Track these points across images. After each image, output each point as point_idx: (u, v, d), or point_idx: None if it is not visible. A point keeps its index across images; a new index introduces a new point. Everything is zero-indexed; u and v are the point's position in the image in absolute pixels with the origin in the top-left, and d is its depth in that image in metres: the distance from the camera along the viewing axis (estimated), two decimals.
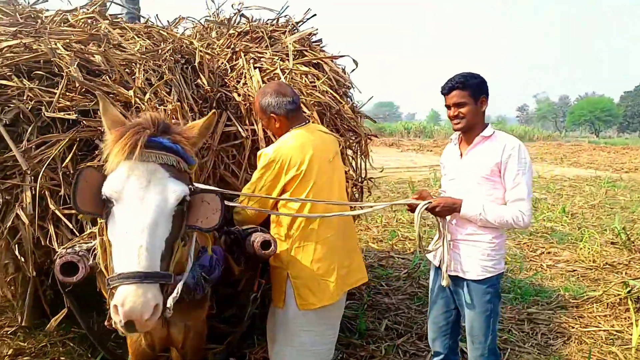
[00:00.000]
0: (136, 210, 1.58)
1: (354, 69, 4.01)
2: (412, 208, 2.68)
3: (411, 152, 27.11)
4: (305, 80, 3.53)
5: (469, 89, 2.54)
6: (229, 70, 3.56)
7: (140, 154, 1.62)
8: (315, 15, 4.16)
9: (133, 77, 2.89)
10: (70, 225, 2.58)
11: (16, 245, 2.58)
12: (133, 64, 2.95)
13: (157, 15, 4.34)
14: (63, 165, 2.63)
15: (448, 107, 2.64)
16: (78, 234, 2.57)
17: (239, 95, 3.32)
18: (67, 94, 2.73)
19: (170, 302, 1.70)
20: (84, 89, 2.76)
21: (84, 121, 2.68)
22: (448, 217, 2.65)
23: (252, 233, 2.59)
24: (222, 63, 3.58)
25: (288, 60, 3.53)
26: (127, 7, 4.49)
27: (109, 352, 2.62)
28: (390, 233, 7.54)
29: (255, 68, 3.47)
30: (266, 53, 3.61)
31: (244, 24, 4.03)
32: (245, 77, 3.44)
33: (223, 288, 3.19)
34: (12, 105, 2.63)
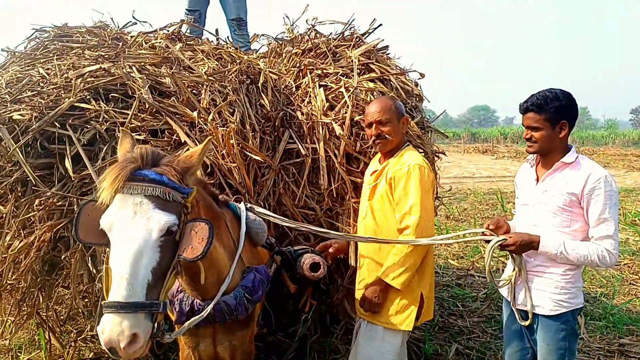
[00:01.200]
0: (121, 241, 1.65)
1: (419, 79, 3.88)
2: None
3: (507, 159, 25.83)
4: (371, 97, 3.48)
5: (545, 113, 2.32)
6: (295, 89, 3.60)
7: (126, 187, 1.68)
8: (381, 25, 4.07)
9: (199, 98, 3.02)
10: None
11: (90, 258, 2.79)
12: (200, 85, 3.09)
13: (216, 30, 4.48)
14: None
15: (525, 126, 2.45)
16: None
17: (302, 114, 3.35)
18: (139, 114, 2.92)
19: (168, 336, 1.80)
20: (154, 110, 2.93)
21: (151, 141, 2.84)
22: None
23: (303, 254, 2.60)
24: (289, 82, 3.63)
25: (352, 76, 3.50)
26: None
27: None
28: (472, 249, 7.21)
29: (320, 86, 3.48)
30: (330, 69, 3.60)
31: (310, 40, 4.05)
32: (310, 95, 3.46)
33: (284, 303, 3.23)
34: (89, 126, 2.86)
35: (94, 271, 2.78)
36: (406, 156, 2.64)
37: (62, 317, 3.60)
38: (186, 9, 4.63)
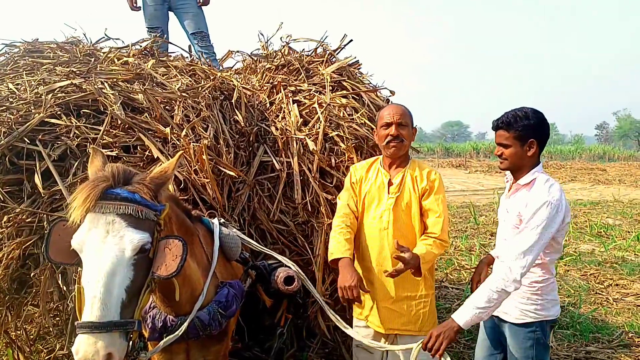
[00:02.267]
0: (94, 261, 1.63)
1: (389, 96, 3.95)
2: None
3: (479, 173, 26.27)
4: (343, 113, 3.54)
5: (514, 131, 2.36)
6: (269, 105, 3.64)
7: (98, 206, 1.66)
8: (352, 40, 4.16)
9: (172, 114, 3.03)
10: None
11: (60, 275, 2.74)
12: (173, 101, 3.10)
13: (189, 47, 4.51)
14: None
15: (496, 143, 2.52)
16: None
17: (276, 129, 3.38)
18: (111, 130, 2.90)
19: (161, 345, 1.85)
20: (126, 126, 2.92)
21: (124, 157, 2.83)
22: (497, 259, 2.57)
23: (277, 268, 2.61)
24: (263, 98, 3.67)
25: (325, 93, 3.56)
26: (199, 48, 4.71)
27: None
28: (445, 261, 7.31)
29: (294, 102, 3.53)
30: (303, 85, 3.66)
31: (283, 56, 4.10)
32: (284, 111, 3.50)
33: (260, 318, 3.22)
34: (60, 142, 2.83)
35: (64, 289, 2.73)
36: (425, 167, 2.76)
37: (31, 337, 3.50)
38: (147, 27, 4.66)
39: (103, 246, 1.64)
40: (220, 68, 4.54)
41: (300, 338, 3.74)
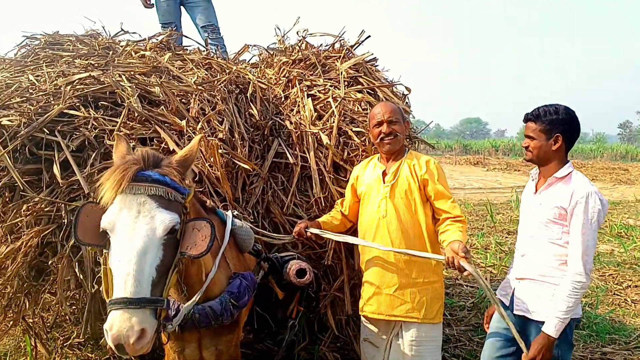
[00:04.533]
0: (126, 240, 1.68)
1: (405, 94, 3.93)
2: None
3: (497, 171, 25.98)
4: (358, 108, 3.53)
5: (542, 124, 2.44)
6: (284, 99, 3.64)
7: (129, 187, 1.73)
8: (369, 36, 4.13)
9: (188, 107, 3.06)
10: None
11: (77, 263, 2.79)
12: (189, 94, 3.12)
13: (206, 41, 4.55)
14: None
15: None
16: None
17: (291, 123, 3.39)
18: (128, 122, 2.94)
19: (173, 324, 1.88)
20: (143, 118, 2.96)
21: (140, 148, 2.86)
22: (520, 256, 2.58)
23: (289, 260, 2.63)
24: (278, 92, 3.68)
25: (340, 87, 3.55)
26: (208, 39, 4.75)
27: None
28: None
29: (308, 96, 3.53)
30: (319, 80, 3.66)
31: (300, 51, 4.10)
32: (298, 105, 3.51)
33: (273, 311, 3.25)
34: (78, 133, 2.88)
35: (81, 277, 2.78)
36: (423, 157, 2.82)
37: (48, 324, 3.59)
38: (161, 23, 4.75)
39: (135, 226, 1.70)
40: (227, 59, 4.56)
41: (313, 332, 3.76)
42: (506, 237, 8.79)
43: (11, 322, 3.20)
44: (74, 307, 3.10)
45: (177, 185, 1.82)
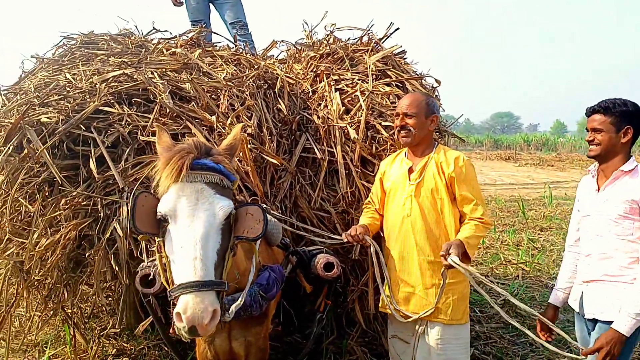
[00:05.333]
0: (188, 226, 1.75)
1: (435, 86, 3.90)
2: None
3: (530, 166, 25.46)
4: (386, 102, 3.53)
5: (612, 116, 2.37)
6: (312, 93, 3.67)
7: (187, 175, 1.79)
8: (398, 29, 4.12)
9: (218, 103, 3.11)
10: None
11: (112, 256, 2.89)
12: (219, 90, 3.18)
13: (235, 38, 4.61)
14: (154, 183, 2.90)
15: (588, 130, 2.50)
16: None
17: (318, 117, 3.42)
18: (160, 118, 3.02)
19: (233, 308, 1.90)
20: (174, 114, 3.03)
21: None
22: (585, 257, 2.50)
23: (317, 254, 2.66)
24: (306, 86, 3.71)
25: (368, 81, 3.56)
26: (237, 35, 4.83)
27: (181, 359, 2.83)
28: (492, 256, 7.17)
29: (336, 90, 3.55)
30: (347, 74, 3.67)
31: (328, 45, 4.12)
32: (326, 99, 3.53)
33: (300, 304, 3.29)
34: (113, 129, 2.97)
35: (117, 269, 2.88)
36: (451, 152, 2.73)
37: (86, 314, 3.72)
38: (191, 21, 4.87)
39: (196, 212, 1.77)
40: (255, 55, 4.62)
41: (341, 326, 3.79)
42: (539, 234, 8.63)
43: (51, 312, 3.32)
44: (110, 298, 3.20)
45: (228, 172, 1.91)
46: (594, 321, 2.43)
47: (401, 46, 4.03)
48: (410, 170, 2.74)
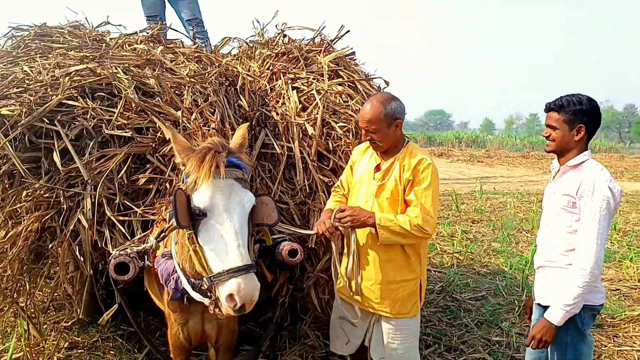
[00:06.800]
0: (227, 217, 1.98)
1: (384, 88, 4.17)
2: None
3: (461, 162, 26.66)
4: (339, 100, 3.76)
5: (565, 114, 2.42)
6: (269, 91, 3.84)
7: (217, 172, 2.01)
8: (349, 31, 4.36)
9: (182, 98, 3.22)
10: (124, 230, 2.93)
11: (76, 247, 2.94)
12: (182, 86, 3.28)
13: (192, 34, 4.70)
14: (119, 176, 2.99)
15: (546, 125, 2.56)
16: (130, 238, 2.92)
17: (277, 114, 3.59)
18: (124, 113, 3.09)
19: None
20: (139, 109, 3.11)
21: (137, 138, 3.02)
22: (538, 248, 2.65)
23: (281, 242, 2.85)
24: (263, 84, 3.87)
25: (323, 80, 3.77)
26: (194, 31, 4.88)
27: (153, 347, 2.94)
28: (428, 246, 7.61)
29: (293, 89, 3.74)
30: (302, 73, 3.87)
31: (283, 44, 4.30)
32: (283, 97, 3.71)
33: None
34: (77, 122, 3.01)
35: (81, 259, 2.93)
36: (416, 155, 2.71)
37: (40, 307, 3.69)
38: (146, 16, 4.89)
39: (231, 205, 2.00)
40: (213, 52, 4.70)
41: (295, 312, 3.99)
42: (471, 226, 9.22)
43: (7, 306, 3.30)
44: (71, 290, 3.23)
45: (246, 168, 2.16)
46: (539, 305, 2.59)
47: (352, 48, 4.27)
48: (378, 169, 2.78)
